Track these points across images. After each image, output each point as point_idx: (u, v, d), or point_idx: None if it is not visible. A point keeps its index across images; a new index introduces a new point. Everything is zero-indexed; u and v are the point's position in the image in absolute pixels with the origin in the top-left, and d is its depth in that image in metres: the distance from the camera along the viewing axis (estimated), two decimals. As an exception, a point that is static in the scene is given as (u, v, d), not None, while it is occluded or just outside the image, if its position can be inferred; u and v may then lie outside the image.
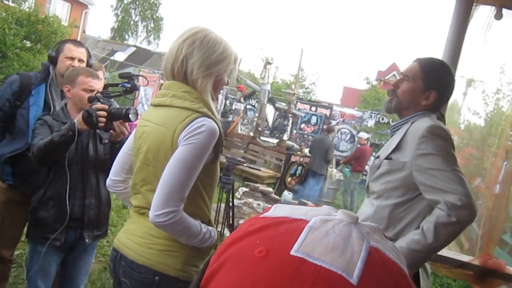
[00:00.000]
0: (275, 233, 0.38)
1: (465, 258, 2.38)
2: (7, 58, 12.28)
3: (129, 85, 2.12)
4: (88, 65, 2.53)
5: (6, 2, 13.99)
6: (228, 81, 1.63)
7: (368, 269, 0.35)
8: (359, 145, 9.73)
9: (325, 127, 11.83)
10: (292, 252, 0.36)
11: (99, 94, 2.11)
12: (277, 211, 0.42)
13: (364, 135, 9.75)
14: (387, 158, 1.79)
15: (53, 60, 2.47)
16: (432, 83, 1.77)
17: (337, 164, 10.88)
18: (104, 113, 2.03)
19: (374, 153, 12.54)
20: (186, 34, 1.52)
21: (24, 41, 13.32)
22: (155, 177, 1.48)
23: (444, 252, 2.45)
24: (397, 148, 1.76)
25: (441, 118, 1.90)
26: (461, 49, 2.36)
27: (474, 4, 2.31)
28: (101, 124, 2.04)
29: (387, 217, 1.73)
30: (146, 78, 2.60)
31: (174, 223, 1.40)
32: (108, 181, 1.74)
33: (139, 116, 2.22)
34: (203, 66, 1.49)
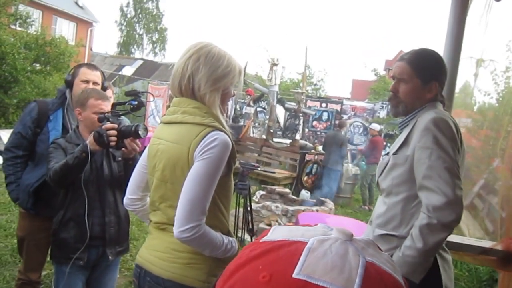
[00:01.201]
0: (276, 257, 0.39)
1: (487, 244, 2.36)
2: (19, 82, 12.55)
3: (136, 102, 2.16)
4: (103, 87, 2.57)
5: (13, 27, 14.25)
6: (234, 93, 1.68)
7: (366, 284, 0.36)
8: (371, 137, 9.62)
9: (337, 122, 11.78)
10: (294, 275, 0.37)
11: (108, 114, 2.15)
12: (275, 234, 0.43)
13: (376, 126, 9.65)
14: (394, 153, 1.80)
15: (69, 84, 2.53)
16: (429, 75, 1.78)
17: (353, 158, 10.82)
18: (114, 132, 2.07)
19: (389, 144, 12.46)
20: (191, 50, 1.56)
21: (34, 64, 13.60)
22: (173, 193, 1.52)
23: (466, 239, 2.43)
24: (404, 143, 1.77)
25: (444, 101, 1.88)
26: (463, 32, 2.35)
27: (472, -13, 2.29)
28: (112, 143, 2.08)
29: (400, 213, 1.73)
30: (152, 95, 2.63)
31: (199, 237, 1.44)
32: (125, 200, 1.78)
33: (151, 128, 2.25)
34: (209, 81, 1.53)
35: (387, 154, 1.89)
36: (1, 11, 12.64)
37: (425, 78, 1.77)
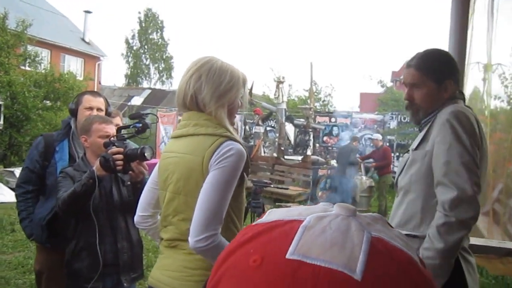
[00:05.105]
0: (269, 239, 0.36)
1: (512, 245, 2.27)
2: (30, 120, 12.76)
3: (140, 125, 2.15)
4: (107, 113, 2.58)
5: (23, 68, 14.59)
6: (242, 104, 1.66)
7: (371, 261, 0.32)
8: (375, 148, 9.58)
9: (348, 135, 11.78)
10: (288, 256, 0.33)
11: (113, 138, 2.15)
12: (271, 216, 0.39)
13: (379, 136, 9.66)
14: (414, 149, 1.76)
15: (74, 113, 2.54)
16: (441, 75, 1.74)
17: (366, 171, 10.71)
18: (120, 156, 2.05)
19: (401, 154, 12.30)
20: (192, 68, 1.56)
21: (44, 101, 13.83)
22: (187, 205, 1.50)
23: (489, 241, 2.35)
24: (424, 139, 1.73)
25: (464, 98, 1.84)
26: (466, 37, 2.33)
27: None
28: (119, 168, 2.06)
29: (420, 211, 1.67)
30: (155, 115, 2.64)
31: (214, 247, 1.40)
32: (136, 218, 1.75)
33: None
34: (213, 98, 1.53)
35: (408, 151, 1.84)
36: (10, 53, 12.96)
37: (437, 79, 1.73)
